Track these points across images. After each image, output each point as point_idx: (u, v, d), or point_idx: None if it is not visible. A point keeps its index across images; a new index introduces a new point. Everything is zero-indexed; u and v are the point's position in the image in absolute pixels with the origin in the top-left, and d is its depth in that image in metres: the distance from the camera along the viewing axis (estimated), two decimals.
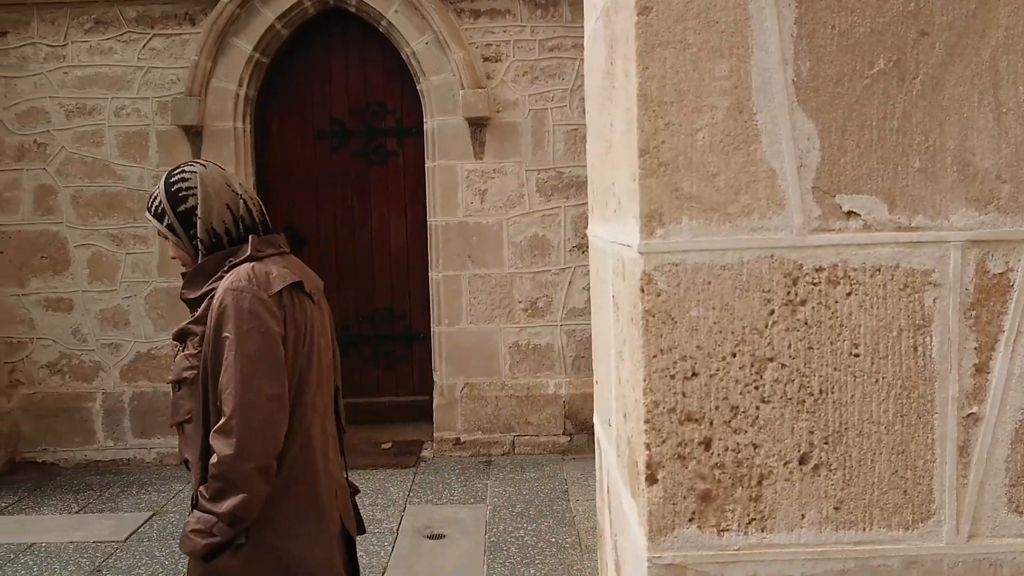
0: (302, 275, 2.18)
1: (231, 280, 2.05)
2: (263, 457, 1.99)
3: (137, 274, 6.12)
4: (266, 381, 2.00)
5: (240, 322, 2.00)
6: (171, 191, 2.14)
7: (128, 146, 6.07)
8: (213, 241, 2.14)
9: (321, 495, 2.13)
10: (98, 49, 6.03)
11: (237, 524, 2.00)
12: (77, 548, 4.68)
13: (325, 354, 2.21)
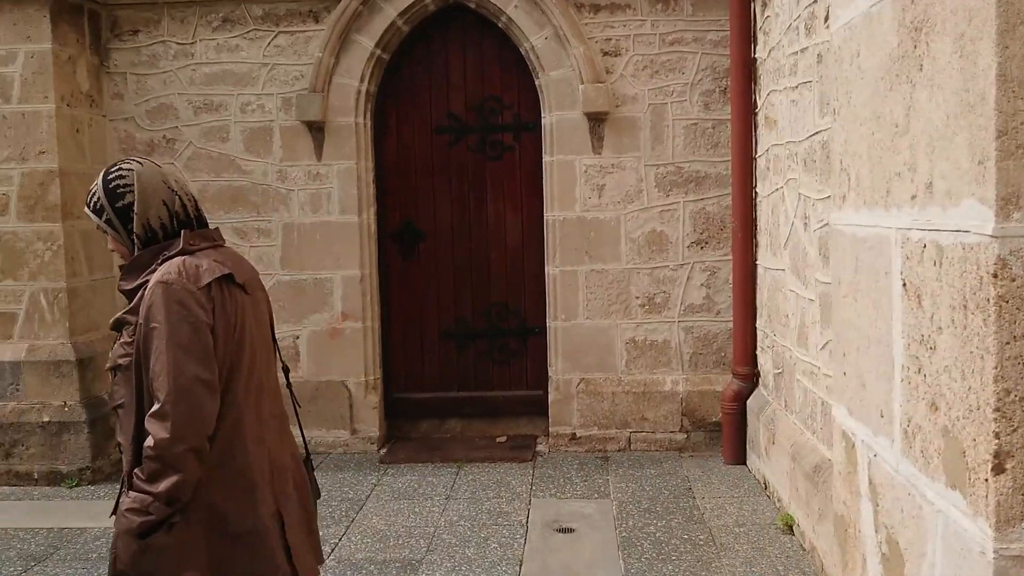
0: (234, 267, 2.30)
1: (161, 273, 2.16)
2: (196, 439, 2.10)
3: (260, 267, 6.23)
4: (196, 368, 2.11)
5: (170, 313, 2.12)
6: (109, 188, 2.26)
7: (252, 141, 6.20)
8: (149, 236, 2.26)
9: (252, 474, 2.25)
10: (225, 47, 6.17)
11: (173, 503, 2.10)
12: None
13: (260, 341, 2.34)
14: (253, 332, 2.32)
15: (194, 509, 2.16)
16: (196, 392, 2.11)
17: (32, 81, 5.66)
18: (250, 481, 2.25)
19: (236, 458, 2.24)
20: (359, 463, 5.99)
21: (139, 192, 2.26)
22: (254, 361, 2.31)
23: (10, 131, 5.69)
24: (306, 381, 6.25)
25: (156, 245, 2.26)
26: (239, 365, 2.26)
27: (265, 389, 2.36)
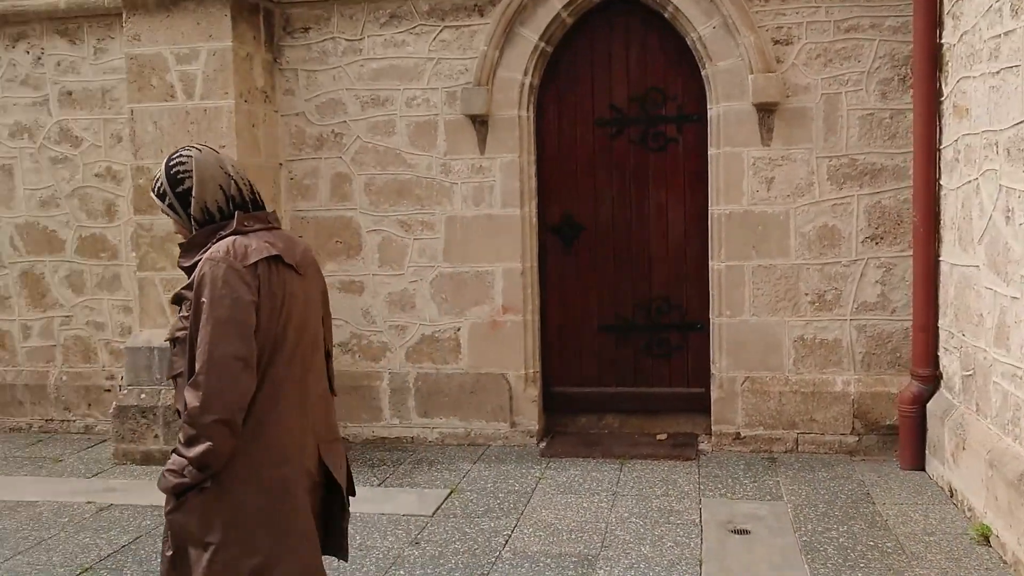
0: (285, 249, 2.41)
1: (211, 251, 2.31)
2: (225, 411, 2.22)
3: (424, 259, 6.32)
4: (233, 343, 2.23)
5: (214, 289, 2.25)
6: (170, 174, 2.43)
7: (418, 135, 6.27)
8: (206, 217, 2.40)
9: (286, 448, 2.36)
10: (392, 42, 6.26)
11: (204, 469, 2.26)
12: (390, 519, 4.87)
13: (309, 321, 2.46)
14: (301, 312, 2.42)
15: (227, 476, 2.30)
16: (230, 367, 2.23)
17: (213, 78, 5.88)
18: (283, 455, 2.36)
19: (271, 432, 2.34)
20: (519, 456, 5.99)
21: (197, 177, 2.41)
22: (300, 340, 2.41)
23: (192, 126, 5.92)
24: (466, 373, 6.30)
25: (212, 226, 2.40)
26: (283, 342, 2.36)
27: (311, 368, 2.46)
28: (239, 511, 2.32)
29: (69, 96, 6.70)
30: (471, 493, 5.28)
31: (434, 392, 6.34)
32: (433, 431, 6.35)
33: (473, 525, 4.76)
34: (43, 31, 6.70)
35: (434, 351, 6.35)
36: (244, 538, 2.33)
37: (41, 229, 6.82)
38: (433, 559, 4.33)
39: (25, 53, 6.74)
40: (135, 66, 5.97)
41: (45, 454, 6.34)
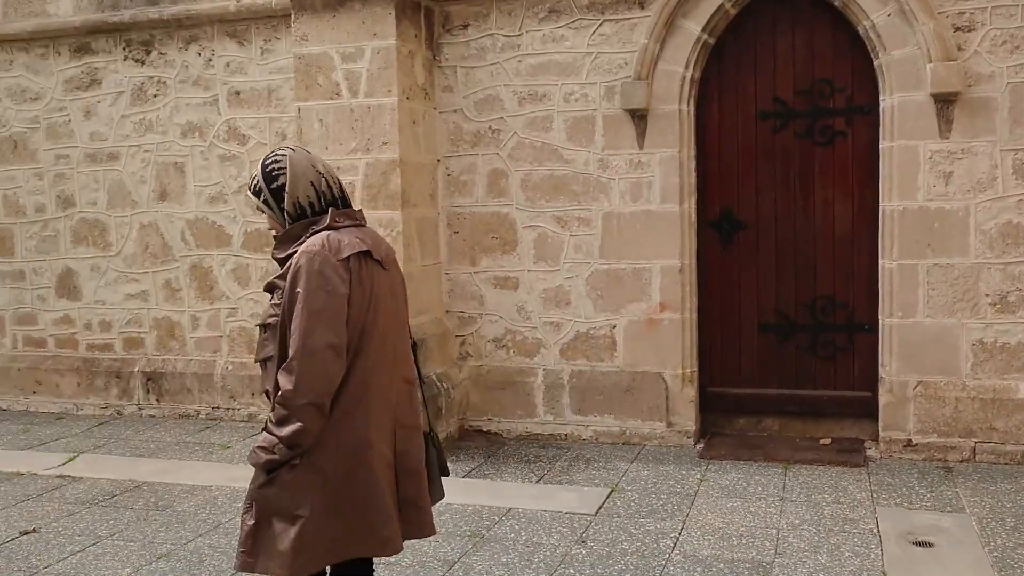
0: (373, 245, 2.57)
1: (308, 244, 2.46)
2: (316, 395, 2.39)
3: (579, 255, 6.27)
4: (325, 332, 2.39)
5: (310, 280, 2.40)
6: (266, 171, 2.59)
7: (575, 131, 6.22)
8: (298, 212, 2.56)
9: (370, 432, 2.52)
10: (550, 37, 6.23)
11: (294, 448, 2.43)
12: (553, 516, 4.84)
13: (393, 313, 2.61)
14: (387, 304, 2.58)
15: (314, 456, 2.46)
16: (322, 353, 2.39)
17: (377, 76, 5.98)
18: (366, 438, 2.52)
19: (357, 415, 2.50)
20: (677, 456, 5.88)
21: (290, 174, 2.56)
22: (387, 330, 2.57)
23: (356, 123, 6.04)
24: (621, 371, 6.23)
25: (306, 220, 2.56)
26: (371, 333, 2.51)
27: (395, 356, 2.62)
28: (326, 486, 2.49)
29: (237, 96, 6.95)
30: (632, 493, 5.20)
31: (588, 389, 6.28)
32: (587, 429, 6.29)
33: (638, 526, 4.69)
34: (214, 34, 6.97)
35: (589, 348, 6.30)
36: (330, 512, 2.50)
37: (210, 224, 7.09)
38: (602, 559, 4.28)
39: (197, 55, 7.02)
40: (302, 65, 6.13)
41: (214, 440, 6.60)
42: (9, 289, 7.71)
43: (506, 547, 4.45)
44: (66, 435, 6.85)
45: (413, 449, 2.68)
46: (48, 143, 7.47)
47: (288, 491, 2.48)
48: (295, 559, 2.48)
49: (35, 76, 7.46)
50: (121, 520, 4.97)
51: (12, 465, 6.07)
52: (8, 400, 7.69)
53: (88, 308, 7.49)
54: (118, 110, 7.26)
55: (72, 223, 7.48)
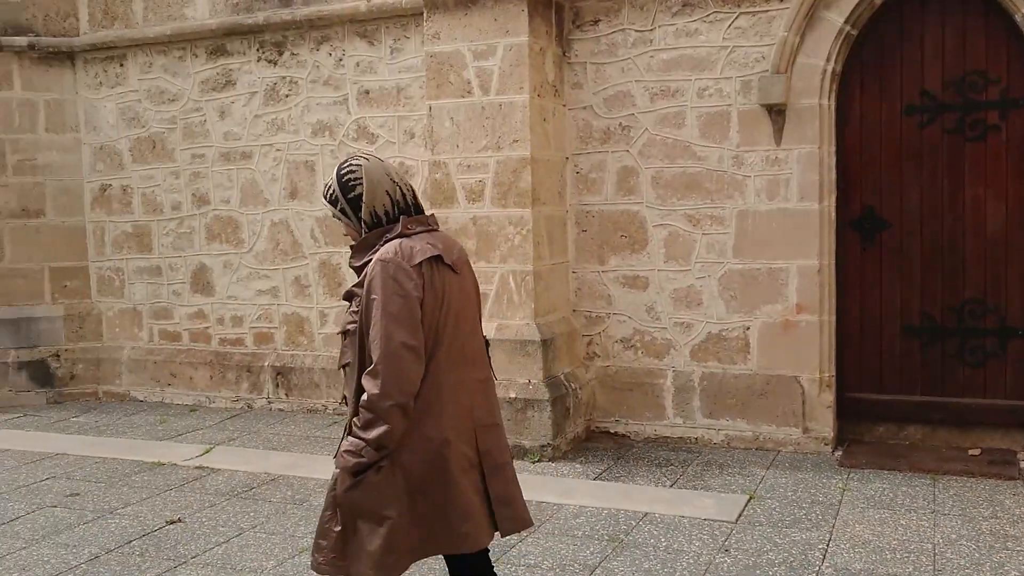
0: (444, 249, 2.64)
1: (382, 252, 2.54)
2: (401, 396, 2.46)
3: (712, 255, 6.11)
4: (404, 335, 2.47)
5: (386, 287, 2.48)
6: (342, 182, 2.66)
7: (708, 127, 6.07)
8: (374, 221, 2.64)
9: (447, 431, 2.59)
10: (684, 31, 6.09)
11: (381, 449, 2.49)
12: (692, 523, 4.72)
13: (466, 314, 2.68)
14: (459, 306, 2.65)
15: (399, 455, 2.54)
16: (403, 356, 2.47)
17: (509, 73, 5.94)
18: (444, 437, 2.59)
19: (435, 415, 2.57)
20: (815, 464, 5.67)
21: (367, 184, 2.63)
22: (458, 331, 2.64)
23: (487, 121, 6.02)
24: (755, 374, 6.04)
25: (380, 228, 2.63)
26: (444, 334, 2.60)
27: (469, 356, 2.69)
28: (408, 487, 2.57)
29: (367, 95, 7.02)
30: (772, 501, 5.03)
31: (720, 392, 6.12)
32: (719, 433, 6.13)
33: (783, 536, 4.52)
34: (344, 34, 7.05)
35: (721, 350, 6.14)
36: (414, 512, 2.58)
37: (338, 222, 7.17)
38: (748, 569, 4.14)
39: (328, 55, 7.12)
40: (434, 63, 6.14)
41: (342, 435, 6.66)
42: (146, 284, 7.98)
43: (646, 553, 4.34)
44: (200, 427, 7.04)
45: (495, 447, 2.74)
46: (184, 143, 7.69)
47: (375, 493, 2.55)
48: (384, 559, 2.55)
49: (173, 78, 7.70)
50: (261, 513, 5.06)
51: (153, 455, 6.26)
52: (144, 391, 7.97)
53: (220, 303, 7.70)
54: (251, 110, 7.42)
55: (206, 220, 7.69)
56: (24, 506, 5.28)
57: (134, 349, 8.05)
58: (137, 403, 7.92)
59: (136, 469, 5.96)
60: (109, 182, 8.02)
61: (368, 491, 2.55)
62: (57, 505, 5.28)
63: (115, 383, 8.07)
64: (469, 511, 2.63)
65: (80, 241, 8.12)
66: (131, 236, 8.00)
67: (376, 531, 2.55)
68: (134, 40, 7.75)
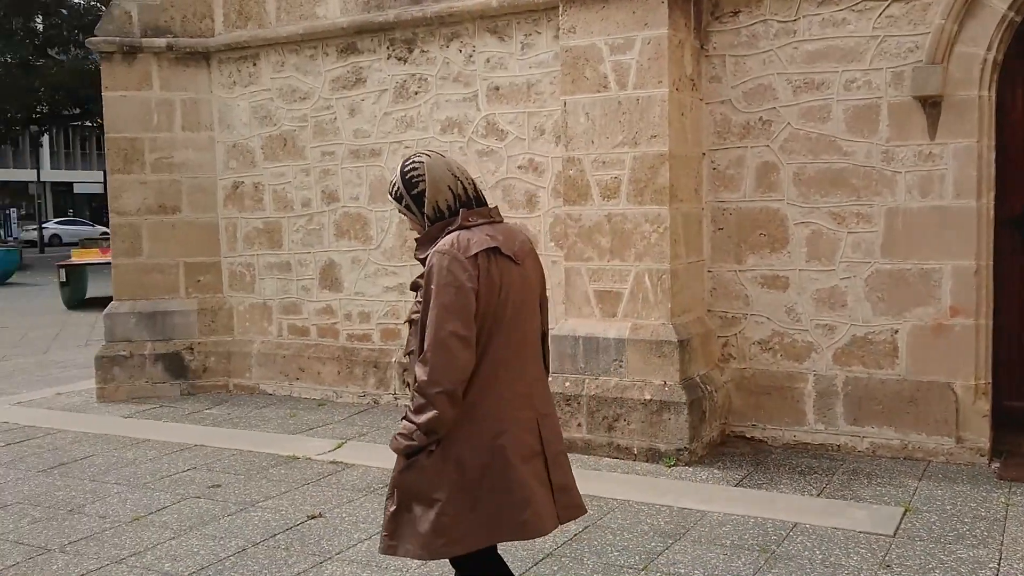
0: (504, 241, 2.68)
1: (440, 244, 2.62)
2: (449, 384, 2.53)
3: (858, 254, 5.85)
4: (455, 324, 2.53)
5: (441, 277, 2.56)
6: (406, 178, 2.77)
7: (856, 120, 5.80)
8: (436, 215, 2.72)
9: (504, 422, 2.64)
10: (830, 21, 5.84)
11: (431, 434, 2.58)
12: (846, 535, 4.50)
13: (525, 305, 2.72)
14: (518, 297, 2.69)
15: (451, 441, 2.61)
16: (452, 345, 2.53)
17: (647, 67, 5.80)
18: (500, 425, 2.64)
19: (490, 403, 2.63)
20: (971, 476, 5.36)
21: (429, 180, 2.72)
22: (516, 321, 2.69)
23: (624, 116, 5.89)
24: (904, 380, 5.76)
25: (442, 222, 2.70)
26: (502, 323, 2.64)
27: (527, 346, 2.75)
28: (462, 472, 2.62)
29: (496, 91, 6.97)
30: (930, 514, 4.77)
31: (865, 398, 5.86)
32: (863, 440, 5.87)
33: (948, 552, 4.27)
34: (475, 30, 7.02)
35: (866, 354, 5.87)
36: (467, 497, 2.62)
37: None
38: None
39: (458, 52, 7.10)
40: (569, 58, 6.05)
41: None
42: (276, 280, 8.12)
43: (801, 566, 4.16)
44: (330, 421, 7.12)
45: (555, 436, 2.83)
46: (315, 140, 7.79)
47: (426, 475, 2.64)
48: (432, 540, 2.63)
49: (304, 76, 7.80)
50: None
51: (287, 448, 6.34)
52: (273, 385, 8.11)
53: (348, 299, 7.77)
54: (381, 108, 7.46)
55: (335, 217, 7.77)
56: (169, 496, 5.40)
57: (264, 343, 8.21)
58: (266, 396, 8.07)
59: (272, 462, 6.05)
60: (241, 179, 8.19)
61: (420, 474, 2.64)
62: (200, 496, 5.39)
63: (245, 376, 8.24)
64: (530, 499, 2.68)
65: (213, 237, 8.32)
66: (262, 232, 8.15)
67: (427, 513, 2.63)
68: (267, 40, 7.88)
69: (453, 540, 2.64)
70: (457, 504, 2.62)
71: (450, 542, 2.64)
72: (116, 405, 7.91)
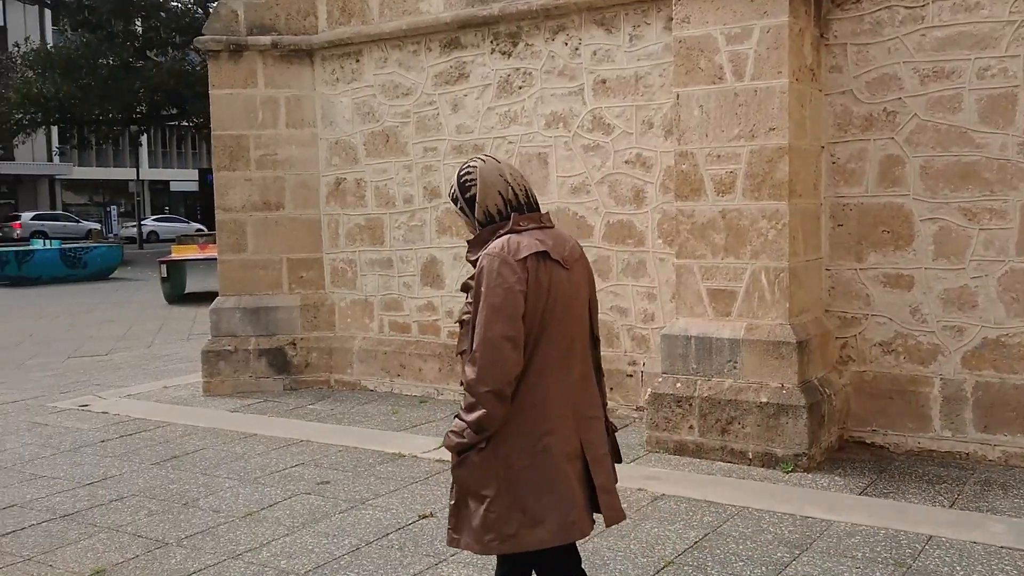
0: (553, 246, 2.73)
1: (490, 247, 2.67)
2: (496, 383, 2.59)
3: (990, 252, 5.54)
4: (503, 325, 2.58)
5: (490, 279, 2.61)
6: (460, 182, 2.82)
7: (990, 111, 5.49)
8: (487, 218, 2.77)
9: (550, 421, 2.70)
10: (962, 6, 5.53)
11: (480, 432, 2.64)
12: (986, 550, 4.24)
13: (573, 309, 2.76)
14: (565, 301, 2.73)
15: (499, 439, 2.66)
16: (500, 345, 2.58)
17: (765, 57, 5.59)
18: (545, 426, 2.69)
19: (536, 404, 2.68)
20: None
21: (480, 184, 2.78)
22: (564, 325, 2.73)
23: (740, 108, 5.69)
24: None
25: (493, 225, 2.75)
26: (548, 327, 2.69)
27: (574, 349, 2.78)
28: (509, 470, 2.67)
29: (603, 84, 6.82)
30: None
31: (997, 404, 5.54)
32: (995, 449, 5.56)
33: None
34: (580, 22, 6.88)
35: (999, 358, 5.55)
36: (513, 494, 2.67)
37: (571, 215, 7.03)
38: None
39: (563, 45, 6.97)
40: (683, 49, 5.86)
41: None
42: (378, 276, 8.13)
43: None
44: (432, 419, 7.08)
45: (596, 438, 2.84)
46: (417, 136, 7.76)
47: (476, 472, 2.70)
48: (483, 535, 2.70)
49: (407, 72, 7.78)
50: None
51: (392, 445, 6.32)
52: (375, 381, 8.12)
53: (450, 296, 7.72)
54: (484, 103, 7.39)
55: (437, 214, 7.73)
56: (280, 492, 5.41)
57: (365, 339, 8.22)
58: (368, 392, 8.08)
59: (379, 459, 6.02)
60: (344, 176, 8.21)
61: (471, 470, 2.71)
62: (311, 492, 5.38)
63: (347, 372, 8.27)
64: (575, 500, 2.73)
65: (315, 233, 8.37)
66: (364, 229, 8.16)
67: (478, 508, 2.71)
68: (370, 36, 7.88)
69: (502, 537, 2.69)
70: (504, 502, 2.69)
71: (499, 539, 2.70)
72: (221, 399, 8.02)
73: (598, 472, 2.80)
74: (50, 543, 4.70)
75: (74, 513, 5.15)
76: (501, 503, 2.68)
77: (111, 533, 4.81)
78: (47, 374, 9.92)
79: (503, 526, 2.69)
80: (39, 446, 6.67)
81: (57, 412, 7.83)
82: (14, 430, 7.21)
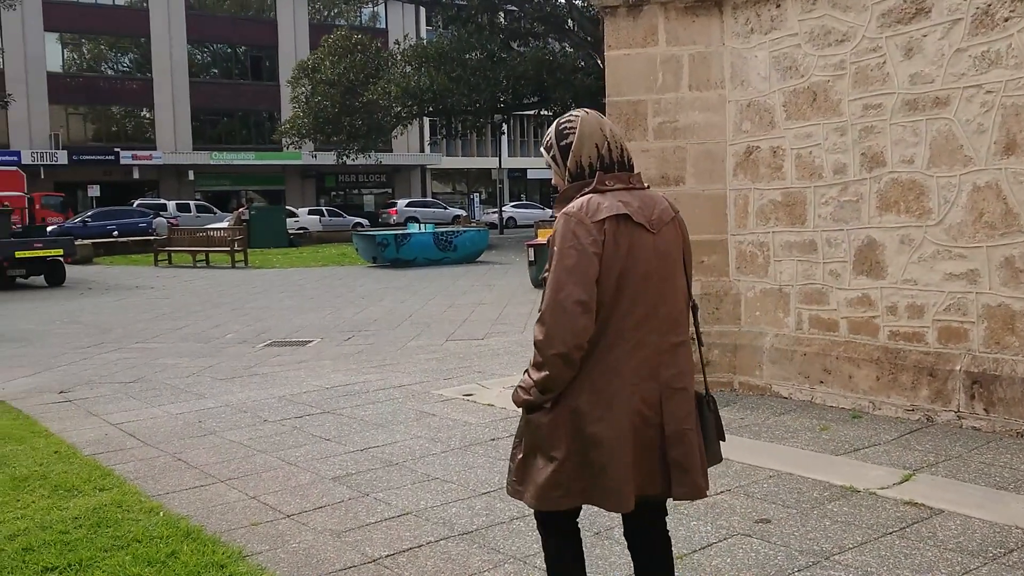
0: (639, 209, 2.66)
1: (568, 207, 2.66)
2: (563, 346, 2.56)
3: None
4: (574, 288, 2.55)
5: (564, 239, 2.60)
6: (559, 129, 2.80)
7: None
8: (578, 172, 2.75)
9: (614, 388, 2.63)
10: None
11: (545, 392, 2.65)
12: None
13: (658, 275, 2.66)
14: (647, 266, 2.63)
15: (568, 403, 2.63)
16: (569, 308, 2.54)
17: None
18: (611, 394, 2.62)
19: (604, 371, 2.62)
20: None
21: (578, 134, 2.73)
22: (646, 291, 2.63)
23: None
24: None
25: (579, 182, 2.72)
26: (625, 292, 2.61)
27: (655, 317, 2.66)
28: (577, 436, 2.63)
29: None
30: None
31: None
32: None
33: None
34: None
35: None
36: (579, 460, 2.63)
37: None
38: None
39: None
40: None
41: None
42: (796, 262, 6.81)
43: None
44: (876, 441, 5.67)
45: (679, 411, 2.69)
46: (855, 91, 6.33)
47: (544, 432, 2.66)
48: (547, 493, 2.66)
49: (842, 14, 6.37)
50: None
51: (837, 475, 5.02)
52: (789, 387, 6.83)
53: (894, 288, 6.23)
54: (951, 43, 5.80)
55: (879, 186, 6.26)
56: (711, 529, 4.33)
57: (778, 337, 6.95)
58: (781, 400, 6.82)
59: (824, 494, 4.76)
60: (756, 143, 6.98)
61: (539, 430, 2.67)
62: (750, 534, 4.25)
63: (754, 374, 7.06)
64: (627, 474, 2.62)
65: (720, 211, 7.22)
66: (780, 206, 6.88)
67: (546, 467, 2.65)
68: None
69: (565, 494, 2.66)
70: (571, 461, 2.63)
71: (562, 496, 2.66)
72: None
73: (674, 445, 2.68)
74: (451, 570, 3.97)
75: (473, 531, 4.42)
76: (570, 464, 2.64)
77: (519, 565, 4.00)
78: (429, 357, 9.72)
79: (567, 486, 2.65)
80: (428, 440, 6.17)
81: (443, 401, 7.40)
82: (403, 419, 6.82)
